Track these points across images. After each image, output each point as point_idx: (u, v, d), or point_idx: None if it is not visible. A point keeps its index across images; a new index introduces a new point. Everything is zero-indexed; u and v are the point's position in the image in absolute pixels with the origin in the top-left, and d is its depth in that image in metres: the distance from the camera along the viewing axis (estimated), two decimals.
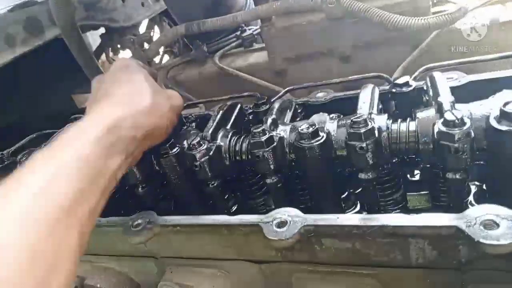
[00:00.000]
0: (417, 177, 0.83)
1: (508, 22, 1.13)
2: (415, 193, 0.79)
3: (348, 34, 1.18)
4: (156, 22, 1.87)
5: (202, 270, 0.80)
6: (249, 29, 1.50)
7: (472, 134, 0.58)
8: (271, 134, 0.73)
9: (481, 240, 0.53)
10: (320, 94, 0.99)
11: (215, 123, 0.85)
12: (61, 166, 0.54)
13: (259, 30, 1.52)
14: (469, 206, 0.72)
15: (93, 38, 1.78)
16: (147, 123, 0.68)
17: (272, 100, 0.94)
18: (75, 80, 1.90)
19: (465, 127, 0.58)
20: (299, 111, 0.97)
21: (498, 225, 0.54)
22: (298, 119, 0.93)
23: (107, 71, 0.82)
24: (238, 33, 1.50)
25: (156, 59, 1.76)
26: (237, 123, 0.89)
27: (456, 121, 0.58)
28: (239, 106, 0.94)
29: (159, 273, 0.87)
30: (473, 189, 0.75)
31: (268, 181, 0.75)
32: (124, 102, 0.66)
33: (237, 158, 0.80)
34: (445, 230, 0.57)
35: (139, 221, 0.78)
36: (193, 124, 1.03)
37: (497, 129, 0.58)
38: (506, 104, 0.58)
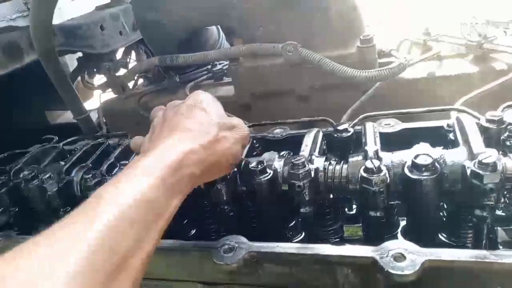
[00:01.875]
0: (354, 211, 0.94)
1: (442, 77, 1.30)
2: (350, 225, 0.90)
3: (305, 77, 1.31)
4: (133, 48, 1.96)
5: None
6: (220, 64, 1.62)
7: (388, 180, 0.70)
8: None
9: (390, 270, 0.64)
10: (277, 131, 1.10)
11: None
12: (125, 209, 0.51)
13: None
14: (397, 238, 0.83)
15: (70, 60, 1.84)
16: (207, 159, 0.66)
17: None
18: (50, 97, 1.94)
19: (381, 174, 0.70)
20: (256, 145, 1.08)
21: (405, 258, 0.65)
22: (254, 153, 1.04)
23: (84, 94, 0.86)
24: (209, 67, 1.61)
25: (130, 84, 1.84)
26: None
27: (374, 169, 0.70)
28: None
29: None
30: (402, 224, 0.87)
31: (222, 209, 0.85)
32: (191, 138, 0.65)
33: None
34: (363, 260, 0.67)
35: None
36: None
37: (408, 176, 0.71)
38: (416, 156, 0.71)
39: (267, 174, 0.80)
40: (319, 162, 0.80)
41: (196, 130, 0.67)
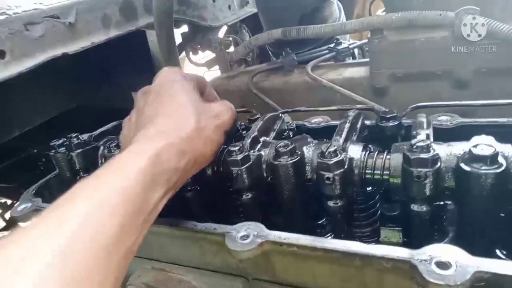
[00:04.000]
0: None
1: None
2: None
3: (473, 57, 1.05)
4: (236, 29, 1.81)
5: None
6: (345, 42, 1.40)
7: None
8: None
9: None
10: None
11: (344, 134, 0.73)
12: (104, 200, 0.51)
13: (354, 44, 1.42)
14: None
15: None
16: (190, 150, 0.63)
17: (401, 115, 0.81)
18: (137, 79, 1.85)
19: None
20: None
21: None
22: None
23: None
24: (332, 45, 1.40)
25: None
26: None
27: None
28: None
29: None
30: None
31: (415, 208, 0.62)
32: (167, 131, 0.63)
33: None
34: None
35: (246, 232, 0.66)
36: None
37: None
38: None
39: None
40: None
41: (169, 122, 0.64)
